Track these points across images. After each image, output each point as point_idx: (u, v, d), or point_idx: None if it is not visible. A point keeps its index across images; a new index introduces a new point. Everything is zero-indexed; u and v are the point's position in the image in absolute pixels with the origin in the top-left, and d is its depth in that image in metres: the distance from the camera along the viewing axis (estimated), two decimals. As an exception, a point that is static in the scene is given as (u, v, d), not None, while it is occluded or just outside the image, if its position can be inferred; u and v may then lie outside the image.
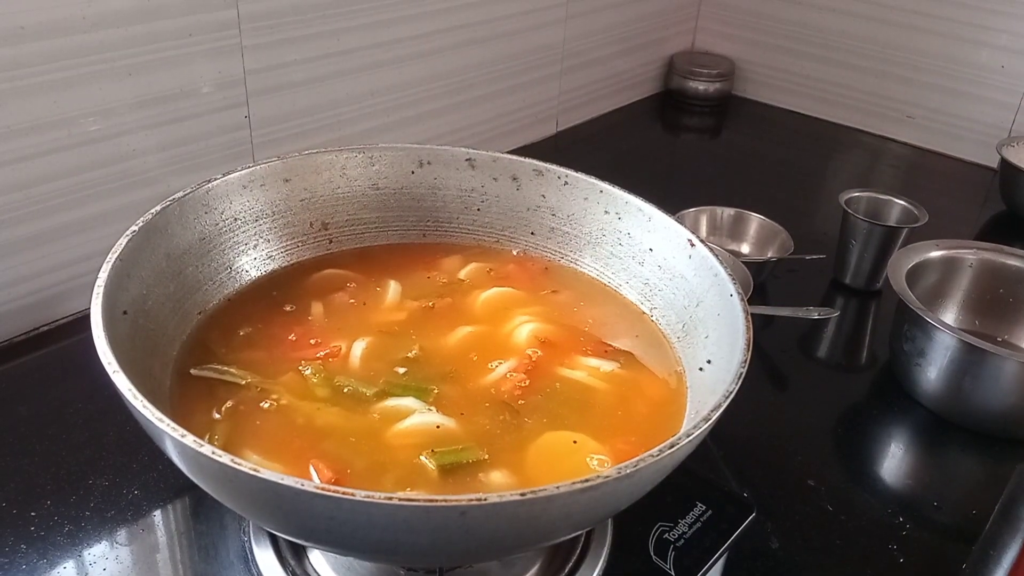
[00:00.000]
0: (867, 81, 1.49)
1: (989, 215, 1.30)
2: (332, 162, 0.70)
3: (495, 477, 0.52)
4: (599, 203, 0.70)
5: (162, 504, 0.66)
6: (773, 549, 0.67)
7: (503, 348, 0.63)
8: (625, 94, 1.56)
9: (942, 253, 0.91)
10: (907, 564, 0.67)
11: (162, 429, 0.42)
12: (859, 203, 1.03)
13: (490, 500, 0.39)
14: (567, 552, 0.62)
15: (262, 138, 0.96)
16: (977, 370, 0.78)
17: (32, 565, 0.60)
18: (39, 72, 0.75)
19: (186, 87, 0.86)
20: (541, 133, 1.39)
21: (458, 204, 0.74)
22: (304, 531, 0.46)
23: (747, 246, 1.08)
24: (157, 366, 0.56)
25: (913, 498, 0.74)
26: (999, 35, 1.34)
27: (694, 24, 1.65)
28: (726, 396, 0.48)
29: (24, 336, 0.84)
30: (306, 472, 0.51)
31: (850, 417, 0.84)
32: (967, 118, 1.41)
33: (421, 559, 0.52)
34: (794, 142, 1.51)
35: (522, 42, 1.26)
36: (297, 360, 0.60)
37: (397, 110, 1.11)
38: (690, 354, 0.61)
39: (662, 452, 0.43)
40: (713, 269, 0.60)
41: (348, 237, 0.72)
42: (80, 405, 0.74)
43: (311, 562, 0.60)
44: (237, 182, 0.65)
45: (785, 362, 0.91)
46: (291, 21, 0.93)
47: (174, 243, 0.60)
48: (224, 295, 0.65)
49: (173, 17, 0.82)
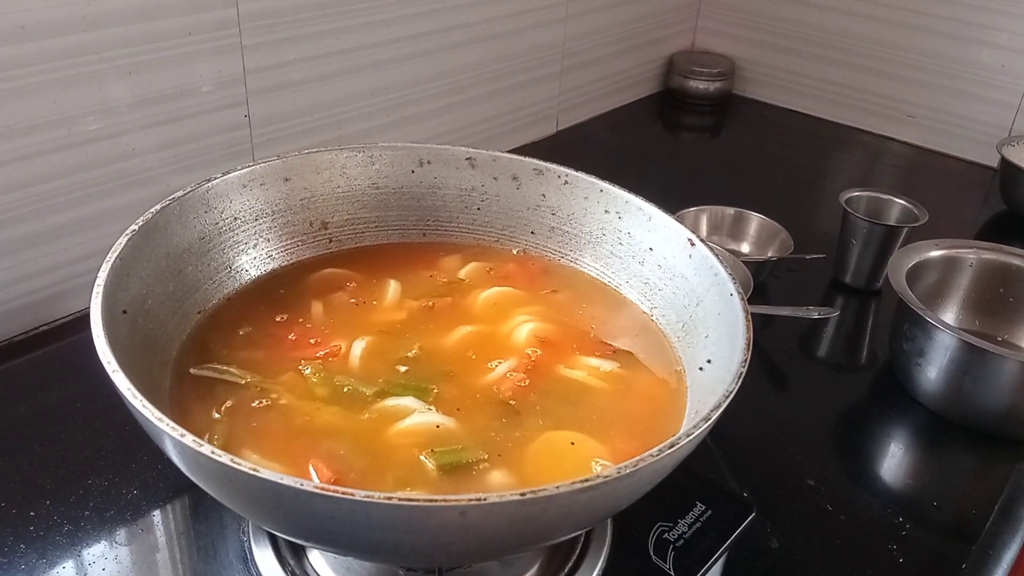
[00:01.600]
0: (867, 81, 1.49)
1: (989, 215, 1.30)
2: (332, 161, 0.70)
3: (495, 477, 0.52)
4: (599, 202, 0.70)
5: (161, 504, 0.66)
6: (773, 549, 0.67)
7: (503, 348, 0.63)
8: (625, 93, 1.56)
9: (942, 253, 0.91)
10: (907, 564, 0.67)
11: (161, 429, 0.42)
12: (859, 203, 1.03)
13: (490, 500, 0.39)
14: (567, 552, 0.62)
15: (262, 137, 0.96)
16: (977, 370, 0.78)
17: (31, 565, 0.60)
18: (39, 72, 0.75)
19: (186, 86, 0.86)
20: (541, 132, 1.39)
21: (458, 203, 0.73)
22: (304, 531, 0.46)
23: (747, 246, 1.08)
24: (156, 366, 0.55)
25: (913, 498, 0.74)
26: (1000, 34, 1.34)
27: (694, 23, 1.65)
28: (726, 396, 0.48)
29: (24, 336, 0.84)
30: (306, 472, 0.51)
31: (850, 417, 0.84)
32: (967, 118, 1.41)
33: (421, 559, 0.52)
34: (794, 142, 1.51)
35: (522, 41, 1.26)
36: (297, 360, 0.60)
37: (397, 109, 1.11)
38: (690, 354, 0.61)
39: (662, 452, 0.43)
40: (713, 268, 0.60)
41: (348, 236, 0.72)
42: (80, 405, 0.74)
43: (310, 562, 0.60)
44: (237, 181, 0.65)
45: (785, 362, 0.91)
46: (291, 20, 0.93)
47: (174, 242, 0.60)
48: (224, 294, 0.65)
49: (173, 16, 0.82)
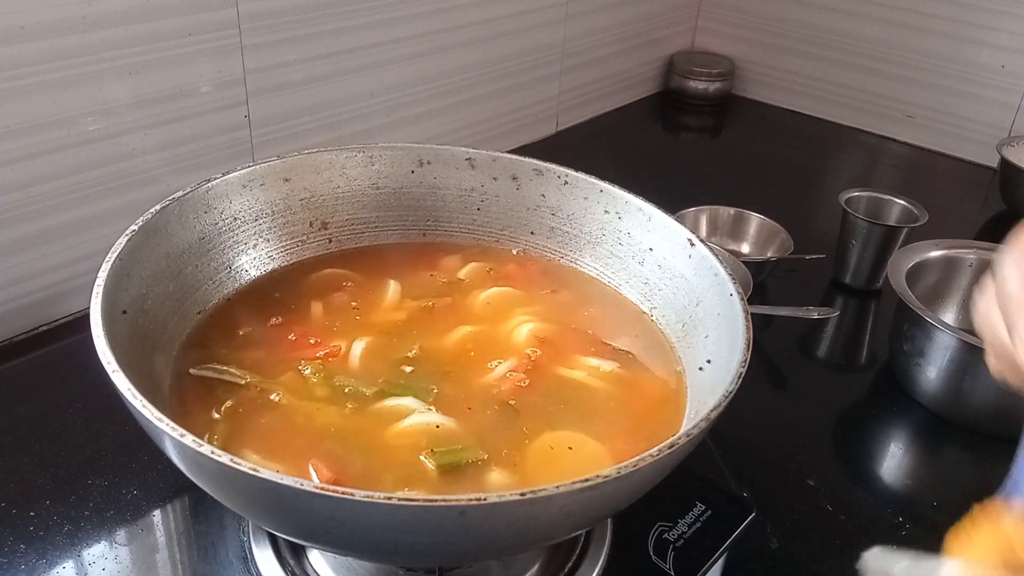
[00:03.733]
0: (867, 81, 1.49)
1: (989, 215, 1.30)
2: (332, 161, 0.70)
3: (495, 477, 0.52)
4: (599, 203, 0.70)
5: (161, 504, 0.66)
6: (773, 549, 0.67)
7: (503, 348, 0.63)
8: (625, 93, 1.56)
9: (942, 253, 0.91)
10: (907, 564, 0.67)
11: (161, 429, 0.42)
12: (859, 203, 1.03)
13: (490, 500, 0.39)
14: (567, 552, 0.62)
15: (262, 137, 0.96)
16: (977, 370, 0.78)
17: (31, 565, 0.60)
18: (39, 72, 0.75)
19: (186, 87, 0.86)
20: (541, 133, 1.39)
21: (458, 204, 0.73)
22: (303, 531, 0.46)
23: (747, 246, 1.08)
24: (156, 366, 0.55)
25: (912, 498, 0.74)
26: (999, 35, 1.34)
27: (694, 24, 1.65)
28: (726, 396, 0.48)
29: (24, 336, 0.84)
30: (306, 472, 0.51)
31: (850, 417, 0.84)
32: (967, 118, 1.41)
33: (420, 559, 0.52)
34: (794, 142, 1.51)
35: (522, 42, 1.26)
36: (297, 360, 0.60)
37: (397, 110, 1.11)
38: (690, 354, 0.61)
39: (661, 452, 0.43)
40: (713, 269, 0.60)
41: (348, 237, 0.72)
42: (80, 405, 0.74)
43: (310, 562, 0.60)
44: (237, 182, 0.65)
45: (785, 362, 0.91)
46: (291, 20, 0.93)
47: (174, 242, 0.60)
48: (224, 294, 0.65)
49: (173, 17, 0.82)
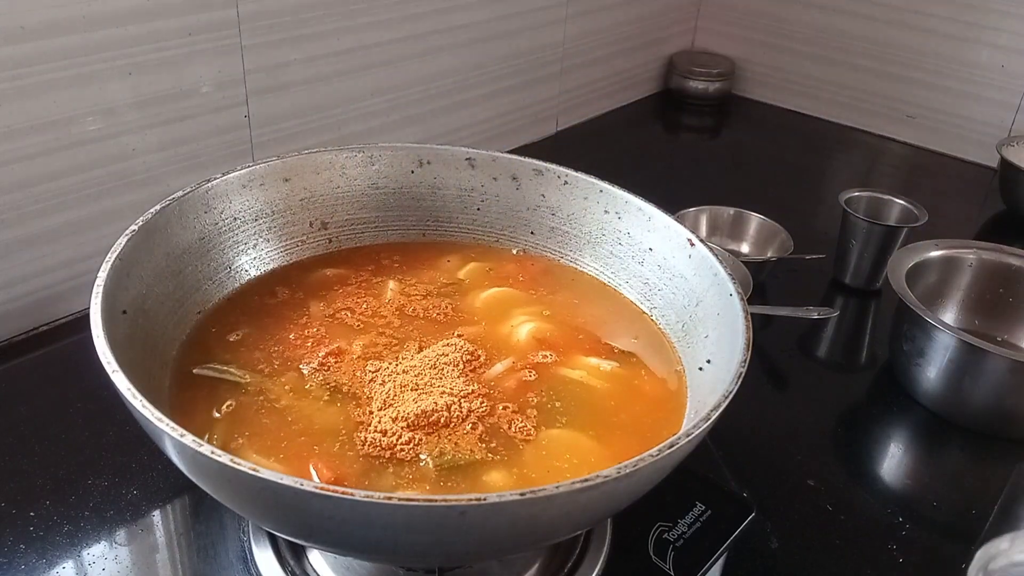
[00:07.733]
0: (867, 81, 1.49)
1: (989, 215, 1.30)
2: (332, 162, 0.70)
3: (495, 477, 0.52)
4: (599, 203, 0.70)
5: (161, 504, 0.66)
6: (773, 549, 0.67)
7: (503, 348, 0.63)
8: (625, 94, 1.56)
9: (942, 253, 0.91)
10: (906, 564, 0.67)
11: (161, 429, 0.42)
12: (859, 203, 1.03)
13: (490, 500, 0.39)
14: (567, 552, 0.62)
15: (262, 138, 0.96)
16: (977, 370, 0.78)
17: (31, 565, 0.60)
18: (39, 72, 0.75)
19: (186, 87, 0.86)
20: (541, 133, 1.39)
21: (458, 204, 0.74)
22: (303, 531, 0.46)
23: (747, 246, 1.08)
24: (157, 366, 0.56)
25: (912, 498, 0.74)
26: (999, 35, 1.34)
27: (694, 24, 1.65)
28: (726, 396, 0.48)
29: (24, 336, 0.84)
30: (306, 472, 0.51)
31: (850, 417, 0.84)
32: (967, 118, 1.41)
33: (420, 559, 0.52)
34: (794, 142, 1.51)
35: (522, 42, 1.26)
36: (297, 360, 0.60)
37: (397, 110, 1.11)
38: (690, 354, 0.61)
39: (661, 452, 0.43)
40: (713, 269, 0.60)
41: (348, 237, 0.72)
42: (80, 405, 0.74)
43: (310, 562, 0.60)
44: (237, 182, 0.65)
45: (785, 362, 0.91)
46: (291, 21, 0.93)
47: (174, 243, 0.60)
48: (224, 294, 0.65)
49: (173, 17, 0.82)
